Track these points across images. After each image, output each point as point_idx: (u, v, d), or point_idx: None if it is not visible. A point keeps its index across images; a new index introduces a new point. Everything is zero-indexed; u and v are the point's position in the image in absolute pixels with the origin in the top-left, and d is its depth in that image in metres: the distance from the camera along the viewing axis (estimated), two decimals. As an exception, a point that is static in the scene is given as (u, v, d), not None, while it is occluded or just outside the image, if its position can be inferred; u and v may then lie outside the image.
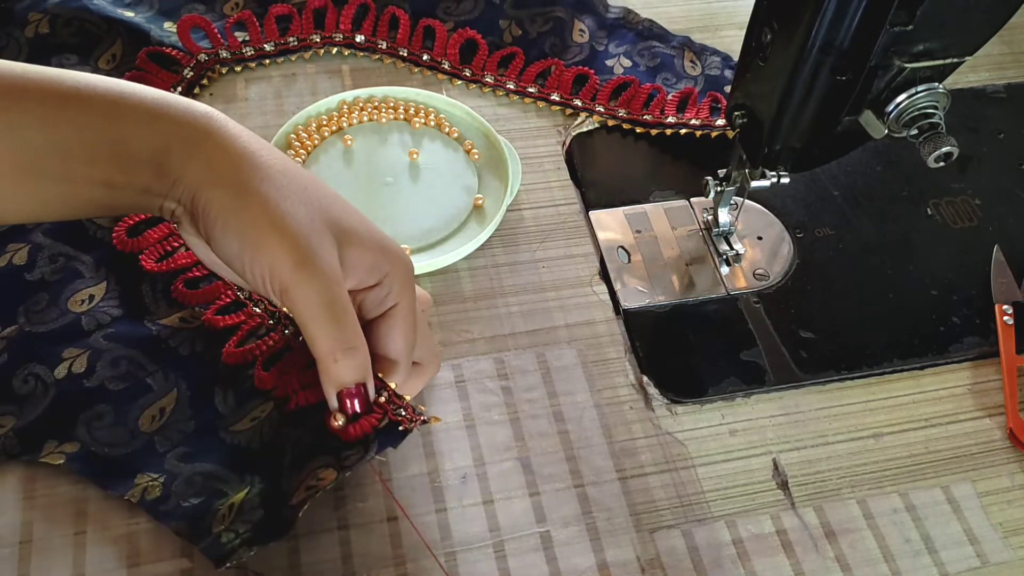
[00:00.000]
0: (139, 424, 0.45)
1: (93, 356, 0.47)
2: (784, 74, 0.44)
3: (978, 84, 0.69)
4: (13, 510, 0.44)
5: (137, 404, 0.46)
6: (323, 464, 0.41)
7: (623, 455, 0.48)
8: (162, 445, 0.45)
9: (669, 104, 0.63)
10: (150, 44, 0.62)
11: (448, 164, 0.60)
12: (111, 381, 0.46)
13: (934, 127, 0.43)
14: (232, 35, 0.64)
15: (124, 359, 0.47)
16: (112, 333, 0.48)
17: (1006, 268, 0.57)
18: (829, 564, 0.45)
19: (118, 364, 0.46)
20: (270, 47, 0.64)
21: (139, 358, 0.47)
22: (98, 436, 0.44)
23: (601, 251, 0.57)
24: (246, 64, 0.64)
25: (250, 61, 0.64)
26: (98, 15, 0.62)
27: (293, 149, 0.59)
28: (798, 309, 0.55)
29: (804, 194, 0.61)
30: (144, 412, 0.45)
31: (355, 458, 0.41)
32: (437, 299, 0.54)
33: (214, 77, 0.63)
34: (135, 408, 0.45)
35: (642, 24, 0.69)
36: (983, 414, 0.52)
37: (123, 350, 0.47)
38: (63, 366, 0.46)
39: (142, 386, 0.46)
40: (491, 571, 0.44)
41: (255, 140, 0.40)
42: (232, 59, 0.63)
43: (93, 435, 0.44)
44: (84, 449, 0.44)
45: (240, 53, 0.63)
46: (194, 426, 0.45)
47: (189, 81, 0.61)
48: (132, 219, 0.52)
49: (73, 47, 0.61)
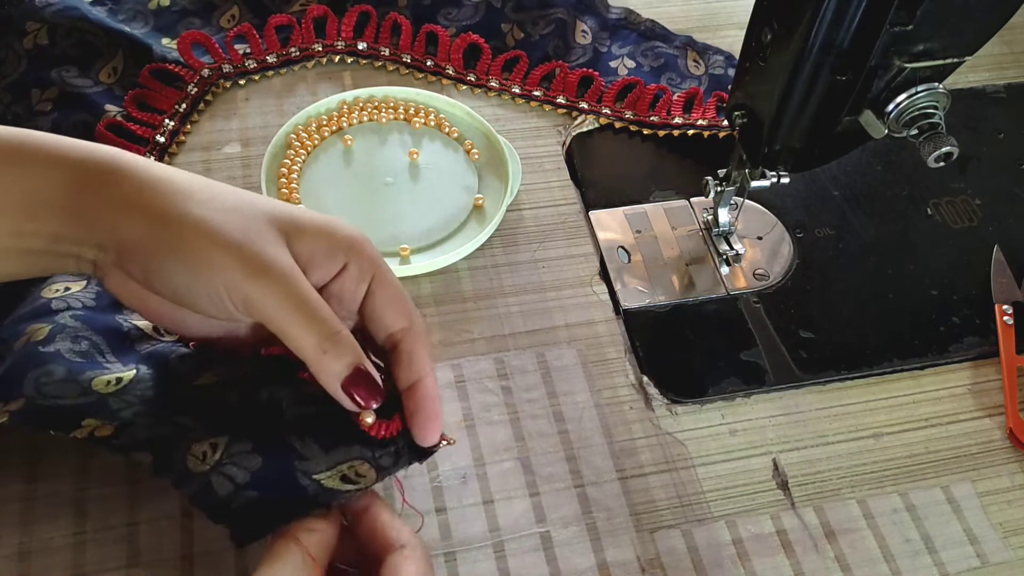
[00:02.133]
0: (92, 384, 0.40)
1: (55, 329, 0.43)
2: (784, 74, 0.44)
3: (978, 84, 0.69)
4: (13, 510, 0.44)
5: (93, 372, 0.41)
6: (359, 457, 0.39)
7: (623, 455, 0.48)
8: (116, 404, 0.40)
9: (675, 104, 0.63)
10: (152, 59, 0.61)
11: (448, 164, 0.60)
12: (68, 352, 0.42)
13: (934, 127, 0.43)
14: (233, 48, 0.64)
15: (86, 340, 0.43)
16: (80, 315, 0.44)
17: (1006, 268, 0.57)
18: (829, 564, 0.45)
19: (78, 342, 0.42)
20: (272, 58, 0.64)
21: (101, 345, 0.43)
22: (46, 391, 0.40)
23: (601, 251, 0.57)
24: (250, 77, 0.63)
25: (253, 74, 0.63)
26: (98, 25, 0.61)
27: (293, 149, 0.59)
28: (798, 309, 0.55)
29: (804, 194, 0.61)
30: (99, 376, 0.41)
31: (388, 460, 0.39)
32: (437, 299, 0.54)
33: (218, 92, 0.62)
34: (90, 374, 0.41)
35: (644, 24, 0.69)
36: (983, 414, 0.52)
37: (87, 332, 0.43)
38: (23, 339, 0.43)
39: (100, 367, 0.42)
40: (491, 571, 0.44)
41: (168, 168, 0.38)
42: (235, 72, 0.63)
43: (41, 390, 0.40)
44: (29, 402, 0.40)
45: (243, 66, 0.63)
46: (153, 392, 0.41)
47: (194, 97, 0.61)
48: None
49: (73, 59, 0.60)
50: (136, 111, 0.59)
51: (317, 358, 0.37)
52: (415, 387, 0.40)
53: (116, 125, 0.58)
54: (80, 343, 0.42)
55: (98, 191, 0.37)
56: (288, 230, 0.38)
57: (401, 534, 0.38)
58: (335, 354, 0.37)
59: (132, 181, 0.37)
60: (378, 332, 0.41)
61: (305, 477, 0.38)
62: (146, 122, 0.59)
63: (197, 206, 0.37)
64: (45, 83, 0.59)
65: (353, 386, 0.38)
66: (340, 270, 0.39)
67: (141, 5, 0.65)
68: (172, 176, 0.38)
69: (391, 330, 0.40)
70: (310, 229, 0.38)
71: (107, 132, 0.57)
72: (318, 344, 0.37)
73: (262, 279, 0.36)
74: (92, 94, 0.59)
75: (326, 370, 0.38)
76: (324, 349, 0.37)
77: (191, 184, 0.38)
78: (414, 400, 0.40)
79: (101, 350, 0.43)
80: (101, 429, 0.39)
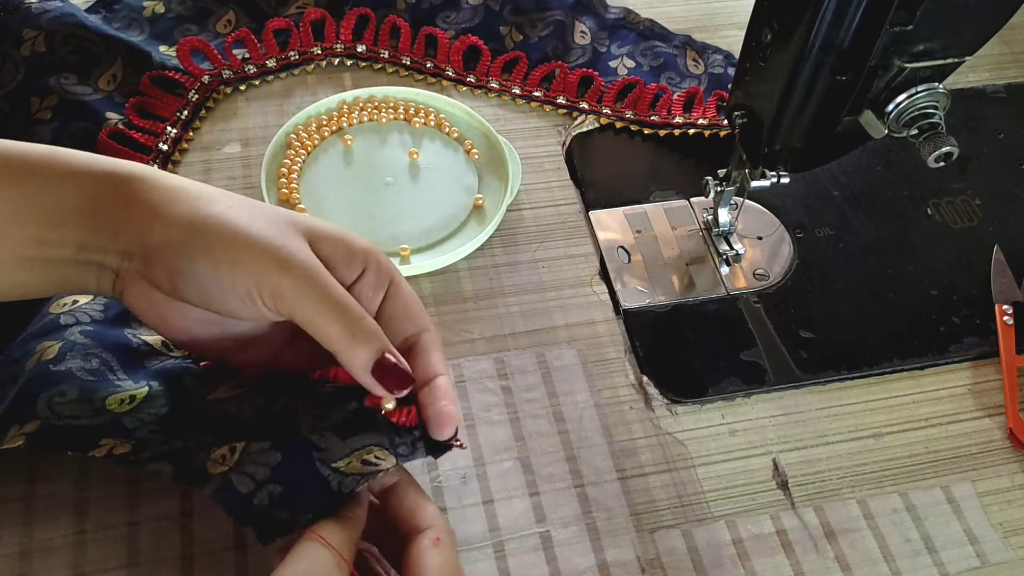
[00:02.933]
0: (106, 404, 0.41)
1: (66, 347, 0.43)
2: (784, 74, 0.44)
3: (978, 84, 0.69)
4: (13, 510, 0.44)
5: (106, 390, 0.42)
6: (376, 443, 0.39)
7: (623, 455, 0.48)
8: (131, 423, 0.40)
9: (675, 104, 0.63)
10: (151, 66, 0.61)
11: (448, 164, 0.60)
12: (80, 371, 0.42)
13: (934, 127, 0.43)
14: (232, 54, 0.63)
15: (96, 358, 0.43)
16: (89, 331, 0.44)
17: (1006, 268, 0.57)
18: (829, 564, 0.45)
19: (89, 359, 0.43)
20: (272, 63, 0.63)
21: (112, 363, 0.44)
22: (60, 411, 0.40)
23: (601, 251, 0.57)
24: (249, 82, 0.63)
25: (254, 79, 0.63)
26: (96, 32, 0.61)
27: (293, 149, 0.59)
28: (798, 309, 0.55)
29: (804, 194, 0.61)
30: (112, 395, 0.41)
31: (406, 449, 0.40)
32: (437, 299, 0.54)
33: (219, 98, 0.62)
34: (102, 392, 0.41)
35: (643, 24, 0.69)
36: (983, 414, 0.52)
37: (97, 350, 0.44)
38: (34, 358, 0.43)
39: (112, 384, 0.42)
40: (491, 571, 0.44)
41: (187, 180, 0.39)
42: (235, 78, 0.63)
43: (55, 410, 0.40)
44: (44, 424, 0.40)
45: (243, 71, 0.63)
46: (166, 411, 0.41)
47: (195, 104, 0.61)
48: None
49: (72, 65, 0.60)
50: (138, 119, 0.59)
51: (346, 345, 0.38)
52: (431, 384, 0.40)
53: (118, 133, 0.58)
54: (91, 360, 0.43)
55: (124, 199, 0.38)
56: (309, 234, 0.39)
57: (426, 514, 0.39)
58: (363, 340, 0.38)
59: (157, 189, 0.38)
60: (394, 337, 0.41)
61: (324, 467, 0.38)
62: (148, 129, 0.59)
63: (224, 209, 0.38)
64: (44, 91, 0.58)
65: (382, 371, 0.38)
66: (358, 276, 0.40)
67: (136, 13, 0.64)
68: (193, 184, 0.39)
69: (407, 334, 0.41)
70: (330, 235, 0.40)
71: (110, 140, 0.57)
72: (346, 331, 0.38)
73: (291, 273, 0.37)
74: (92, 102, 0.59)
75: (358, 357, 0.38)
76: (352, 334, 0.38)
77: (212, 192, 0.39)
78: (430, 394, 0.40)
79: (112, 367, 0.43)
80: (119, 447, 0.40)
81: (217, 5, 0.66)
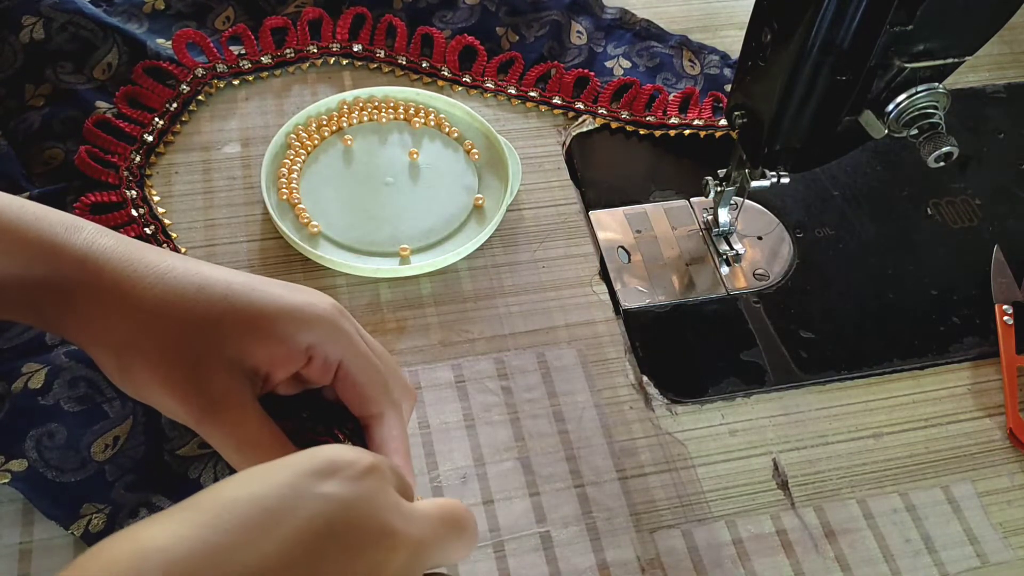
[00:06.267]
0: (91, 452, 0.44)
1: (51, 373, 0.46)
2: (784, 74, 0.44)
3: (978, 84, 0.69)
4: (13, 510, 0.44)
5: (92, 430, 0.45)
6: None
7: (623, 455, 0.48)
8: (112, 474, 0.44)
9: (671, 105, 0.63)
10: (146, 56, 0.61)
11: (448, 164, 0.60)
12: (67, 402, 0.45)
13: (934, 127, 0.43)
14: (228, 49, 0.63)
15: (83, 380, 0.46)
16: (74, 351, 0.47)
17: (1006, 268, 0.57)
18: (829, 564, 0.45)
19: (76, 385, 0.46)
20: (267, 59, 0.63)
21: (99, 381, 0.46)
22: (48, 457, 0.44)
23: (601, 251, 0.57)
24: (244, 77, 0.63)
25: (248, 74, 0.63)
26: (93, 20, 0.61)
27: (293, 149, 0.59)
28: (798, 309, 0.55)
29: (804, 194, 0.61)
30: (98, 440, 0.45)
31: None
32: (437, 299, 0.54)
33: (211, 92, 0.62)
34: (89, 434, 0.45)
35: (639, 24, 0.68)
36: (983, 414, 0.52)
37: (83, 370, 0.46)
38: (21, 380, 0.46)
39: (99, 413, 0.45)
40: (491, 571, 0.44)
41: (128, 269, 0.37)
42: (229, 72, 0.63)
43: (43, 455, 0.44)
44: (32, 469, 0.43)
45: (237, 66, 0.63)
46: (144, 451, 0.45)
47: (185, 96, 0.61)
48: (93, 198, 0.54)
49: (68, 54, 0.60)
50: (127, 108, 0.59)
51: None
52: None
53: (104, 122, 0.58)
54: (78, 387, 0.46)
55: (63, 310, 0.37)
56: (246, 334, 0.37)
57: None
58: None
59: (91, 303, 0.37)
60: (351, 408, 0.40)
61: None
62: (135, 119, 0.59)
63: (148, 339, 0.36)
64: (39, 79, 0.59)
65: None
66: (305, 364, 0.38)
67: (135, 8, 0.65)
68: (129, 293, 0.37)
69: (361, 413, 0.40)
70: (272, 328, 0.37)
71: (95, 128, 0.57)
72: None
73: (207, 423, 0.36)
74: (84, 91, 0.59)
75: None
76: None
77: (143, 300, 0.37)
78: None
79: (99, 387, 0.46)
80: (96, 523, 0.43)
81: (216, 2, 0.66)
